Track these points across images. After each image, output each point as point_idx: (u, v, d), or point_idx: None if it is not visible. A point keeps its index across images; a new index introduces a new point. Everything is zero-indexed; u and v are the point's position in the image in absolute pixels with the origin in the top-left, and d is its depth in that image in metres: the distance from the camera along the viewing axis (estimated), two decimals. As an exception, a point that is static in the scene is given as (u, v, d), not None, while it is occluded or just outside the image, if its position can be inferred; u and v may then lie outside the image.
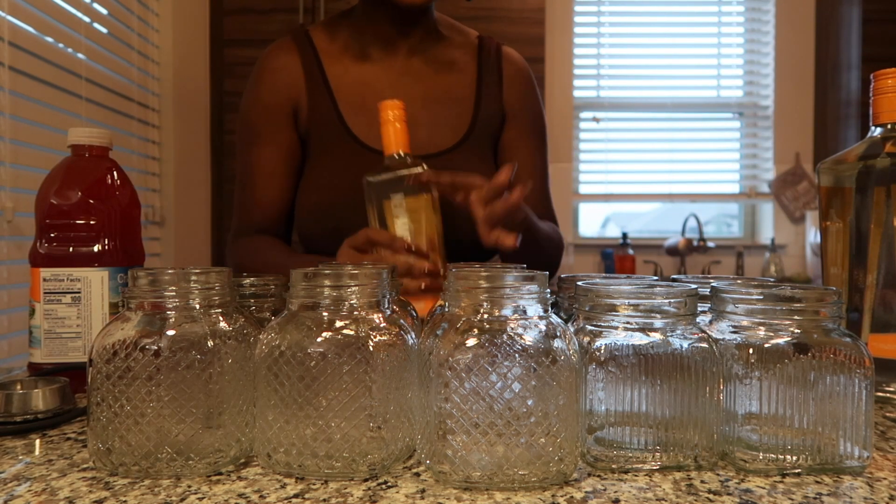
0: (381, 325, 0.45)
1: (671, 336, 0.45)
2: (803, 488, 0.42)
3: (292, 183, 1.05)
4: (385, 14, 1.01)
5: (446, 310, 0.45)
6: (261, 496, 0.41)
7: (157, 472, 0.44)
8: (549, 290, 0.45)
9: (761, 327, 0.46)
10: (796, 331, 0.45)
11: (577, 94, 3.18)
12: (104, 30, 2.05)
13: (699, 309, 0.48)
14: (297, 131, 1.04)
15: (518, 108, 1.09)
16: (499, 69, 1.09)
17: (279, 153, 1.03)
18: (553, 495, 0.41)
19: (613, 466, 0.45)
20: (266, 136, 1.03)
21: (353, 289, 0.45)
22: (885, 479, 0.44)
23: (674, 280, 0.63)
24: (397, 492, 0.41)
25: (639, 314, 0.45)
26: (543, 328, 0.43)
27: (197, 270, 0.47)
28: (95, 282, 0.67)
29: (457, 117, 1.04)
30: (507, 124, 1.09)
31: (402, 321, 0.48)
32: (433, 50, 1.06)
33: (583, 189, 3.22)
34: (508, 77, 1.09)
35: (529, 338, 0.42)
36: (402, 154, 0.84)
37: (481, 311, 0.43)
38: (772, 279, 0.66)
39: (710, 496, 0.41)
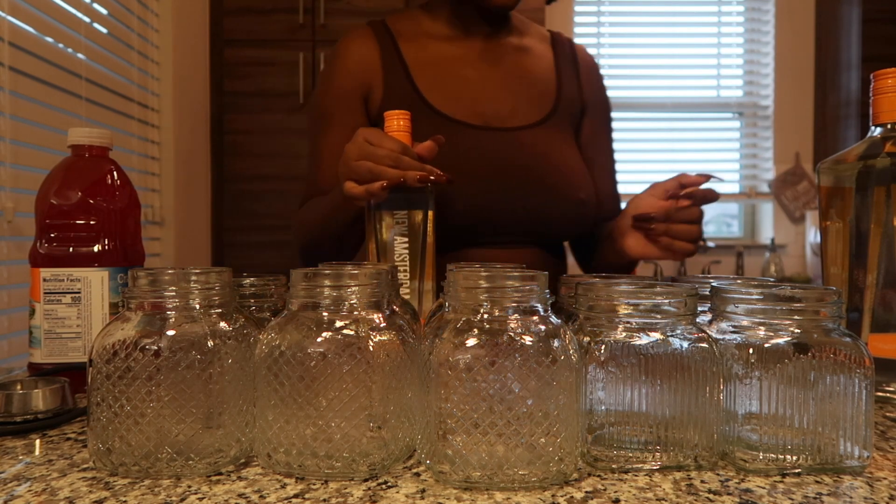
0: (381, 325, 0.45)
1: (671, 336, 0.45)
2: (803, 488, 0.42)
3: None
4: (470, 9, 1.04)
5: (446, 310, 0.45)
6: (261, 496, 0.41)
7: (157, 472, 0.44)
8: (548, 290, 0.45)
9: (761, 327, 0.46)
10: (796, 331, 0.45)
11: (577, 93, 3.18)
12: (104, 30, 2.05)
13: (699, 309, 0.48)
14: (368, 116, 1.04)
15: (595, 102, 1.11)
16: (574, 61, 1.11)
17: (347, 137, 1.02)
18: (553, 495, 0.41)
19: (613, 466, 0.45)
20: (337, 118, 1.04)
21: (353, 289, 0.45)
22: (885, 479, 0.44)
23: (674, 280, 0.63)
24: (397, 492, 0.41)
25: (639, 314, 0.45)
26: (543, 328, 0.43)
27: (197, 270, 0.47)
28: (95, 282, 0.67)
29: (540, 95, 1.05)
30: (585, 117, 1.10)
31: (401, 321, 0.48)
32: (509, 37, 1.08)
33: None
34: (585, 69, 1.11)
35: (529, 338, 0.42)
36: None
37: (481, 311, 0.43)
38: (772, 279, 0.66)
39: (710, 496, 0.41)
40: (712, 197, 0.86)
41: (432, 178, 0.73)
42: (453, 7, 1.05)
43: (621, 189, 1.17)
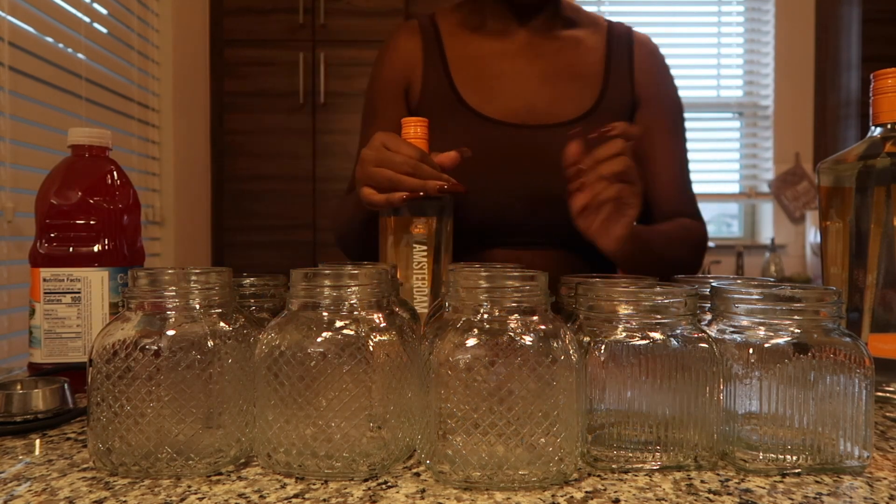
0: (381, 325, 0.45)
1: (671, 336, 0.45)
2: (803, 488, 0.42)
3: None
4: (506, 5, 1.03)
5: (447, 310, 0.45)
6: (261, 496, 0.41)
7: (157, 472, 0.44)
8: (548, 290, 0.45)
9: (761, 327, 0.46)
10: (796, 331, 0.45)
11: (577, 93, 3.18)
12: (104, 30, 2.05)
13: (699, 309, 0.48)
14: (409, 108, 1.06)
15: (652, 94, 1.04)
16: (629, 52, 1.05)
17: (387, 129, 1.03)
18: (553, 495, 0.41)
19: (613, 466, 0.45)
20: (380, 111, 1.05)
21: (353, 289, 0.45)
22: (885, 479, 0.44)
23: (674, 280, 0.63)
24: (397, 492, 0.41)
25: (639, 314, 0.45)
26: (543, 328, 0.43)
27: (197, 270, 0.47)
28: (95, 282, 0.67)
29: (580, 93, 1.01)
30: (639, 111, 1.04)
31: (401, 321, 0.48)
32: (557, 30, 1.05)
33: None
34: (640, 61, 1.05)
35: (529, 338, 0.42)
36: None
37: (481, 311, 0.43)
38: (772, 279, 0.66)
39: (710, 496, 0.41)
40: (627, 132, 0.75)
41: (447, 187, 0.73)
42: (494, 1, 1.04)
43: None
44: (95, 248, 0.68)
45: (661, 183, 1.03)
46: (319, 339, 0.44)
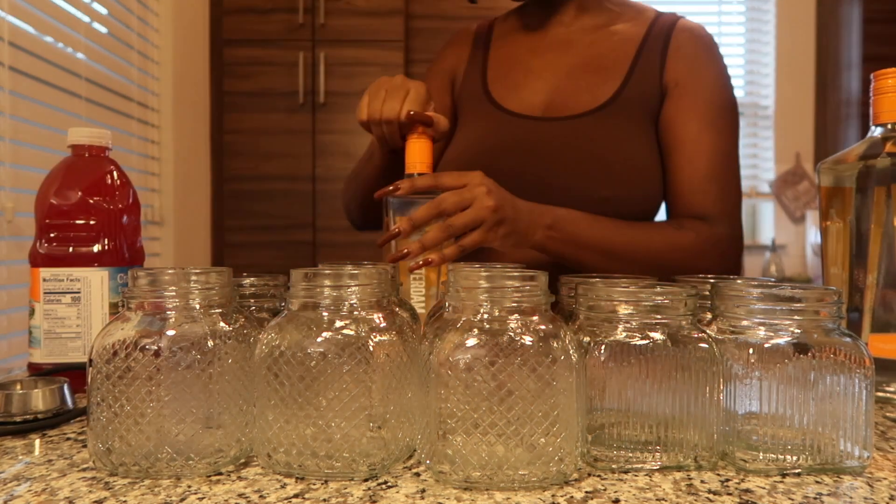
0: (381, 325, 0.45)
1: (671, 336, 0.45)
2: (803, 488, 0.42)
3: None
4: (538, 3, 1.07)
5: (447, 310, 0.45)
6: (261, 496, 0.41)
7: (157, 472, 0.44)
8: (548, 290, 0.45)
9: (761, 327, 0.46)
10: (796, 331, 0.45)
11: (577, 93, 3.17)
12: (104, 30, 2.05)
13: (699, 309, 0.48)
14: (452, 99, 1.13)
15: (683, 81, 0.97)
16: (666, 40, 1.00)
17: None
18: (553, 495, 0.41)
19: (613, 466, 0.45)
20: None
21: (353, 289, 0.45)
22: (885, 479, 0.44)
23: (675, 280, 0.63)
24: (397, 492, 0.41)
25: (639, 314, 0.45)
26: (543, 328, 0.43)
27: (197, 270, 0.47)
28: (95, 282, 0.67)
29: (600, 85, 0.99)
30: (669, 97, 0.97)
31: (401, 321, 0.48)
32: (595, 24, 1.05)
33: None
34: (675, 48, 0.99)
35: (529, 338, 0.42)
36: (420, 175, 0.82)
37: (481, 311, 0.43)
38: (772, 279, 0.66)
39: (710, 496, 0.41)
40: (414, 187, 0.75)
41: (412, 114, 0.79)
42: (532, 2, 1.07)
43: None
44: (95, 248, 0.68)
45: (681, 176, 0.95)
46: (319, 339, 0.44)
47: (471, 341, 0.42)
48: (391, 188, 0.74)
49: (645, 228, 0.92)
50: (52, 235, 0.68)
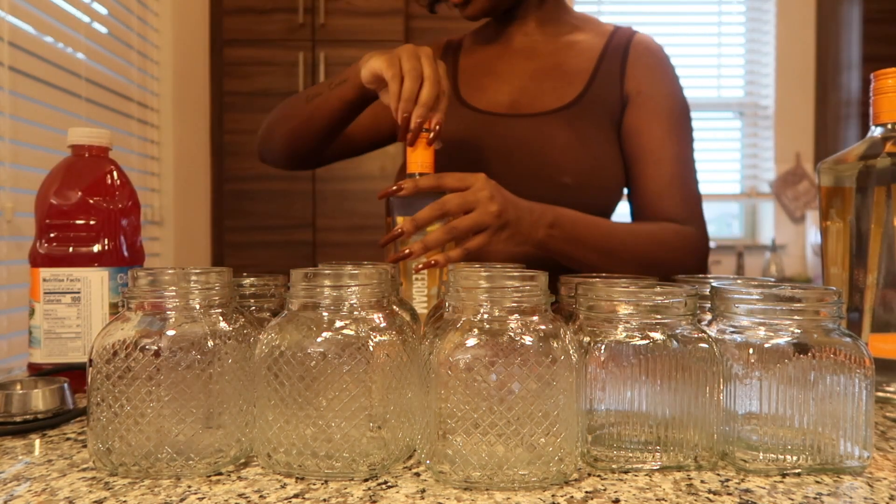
0: (381, 325, 0.45)
1: (671, 336, 0.45)
2: (803, 488, 0.42)
3: (361, 132, 1.15)
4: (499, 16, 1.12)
5: (447, 310, 0.45)
6: (261, 496, 0.41)
7: (157, 472, 0.44)
8: (548, 290, 0.45)
9: (761, 327, 0.46)
10: (796, 331, 0.45)
11: (577, 93, 3.18)
12: (104, 30, 2.05)
13: (699, 309, 0.48)
14: None
15: (644, 90, 1.04)
16: (625, 52, 1.07)
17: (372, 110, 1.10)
18: (553, 495, 0.41)
19: (613, 466, 0.45)
20: None
21: (353, 289, 0.45)
22: (885, 479, 0.44)
23: (674, 280, 0.63)
24: (397, 492, 0.41)
25: (639, 314, 0.45)
26: (543, 328, 0.43)
27: (197, 270, 0.47)
28: (95, 282, 0.67)
29: (564, 88, 1.05)
30: (629, 107, 1.04)
31: (401, 321, 0.48)
32: (557, 35, 1.10)
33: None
34: (634, 59, 1.06)
35: (529, 338, 0.42)
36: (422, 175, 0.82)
37: (481, 311, 0.43)
38: (772, 279, 0.66)
39: (710, 496, 0.41)
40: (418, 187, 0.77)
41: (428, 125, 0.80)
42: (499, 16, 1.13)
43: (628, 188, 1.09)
44: (95, 248, 0.68)
45: (648, 182, 1.02)
46: (319, 339, 0.44)
47: (471, 341, 0.42)
48: (394, 188, 0.75)
49: (633, 227, 0.97)
50: (52, 235, 0.68)
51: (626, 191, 1.07)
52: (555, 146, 1.00)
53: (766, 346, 0.45)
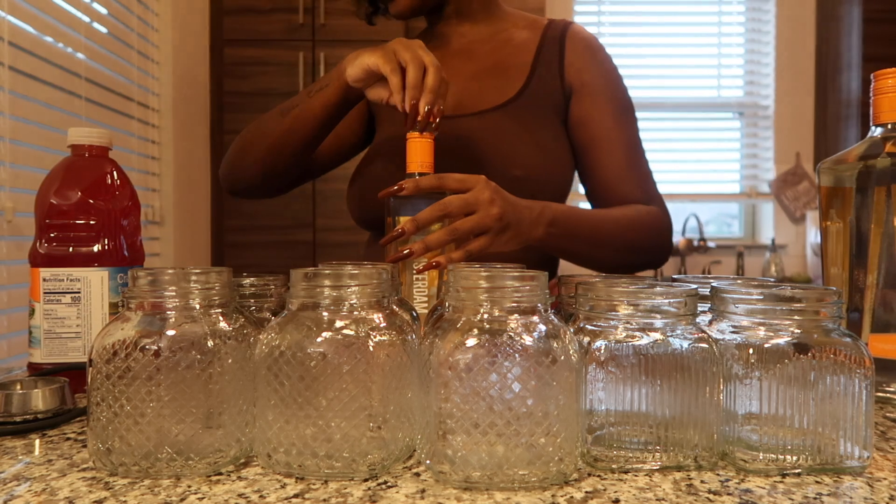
0: (381, 325, 0.45)
1: (671, 336, 0.45)
2: (803, 488, 0.42)
3: (338, 142, 1.19)
4: (430, 17, 1.14)
5: (447, 310, 0.45)
6: (261, 496, 0.41)
7: (157, 472, 0.44)
8: (548, 290, 0.45)
9: (761, 327, 0.46)
10: (796, 331, 0.45)
11: (577, 93, 3.18)
12: (104, 30, 2.05)
13: (699, 309, 0.48)
14: (368, 107, 1.19)
15: (586, 81, 1.07)
16: (561, 45, 1.09)
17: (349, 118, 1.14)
18: (553, 495, 0.41)
19: (613, 466, 0.45)
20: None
21: (353, 289, 0.45)
22: (885, 479, 0.44)
23: (674, 280, 0.63)
24: (397, 492, 0.41)
25: (639, 314, 0.45)
26: (543, 328, 0.43)
27: (197, 270, 0.47)
28: (95, 282, 0.67)
29: (504, 84, 1.07)
30: (574, 99, 1.07)
31: (401, 321, 0.48)
32: (490, 30, 1.12)
33: (584, 189, 3.22)
34: (571, 51, 1.08)
35: (529, 338, 0.42)
36: (421, 175, 0.81)
37: (481, 311, 0.43)
38: (772, 279, 0.66)
39: (710, 496, 0.41)
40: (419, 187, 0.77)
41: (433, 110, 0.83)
42: (426, 18, 1.15)
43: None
44: (95, 248, 0.68)
45: (604, 169, 1.05)
46: (319, 339, 0.44)
47: (471, 341, 0.42)
48: (395, 188, 0.75)
49: (613, 214, 0.99)
50: (52, 235, 0.68)
51: (577, 178, 1.11)
52: (502, 140, 1.02)
53: (766, 346, 0.45)
